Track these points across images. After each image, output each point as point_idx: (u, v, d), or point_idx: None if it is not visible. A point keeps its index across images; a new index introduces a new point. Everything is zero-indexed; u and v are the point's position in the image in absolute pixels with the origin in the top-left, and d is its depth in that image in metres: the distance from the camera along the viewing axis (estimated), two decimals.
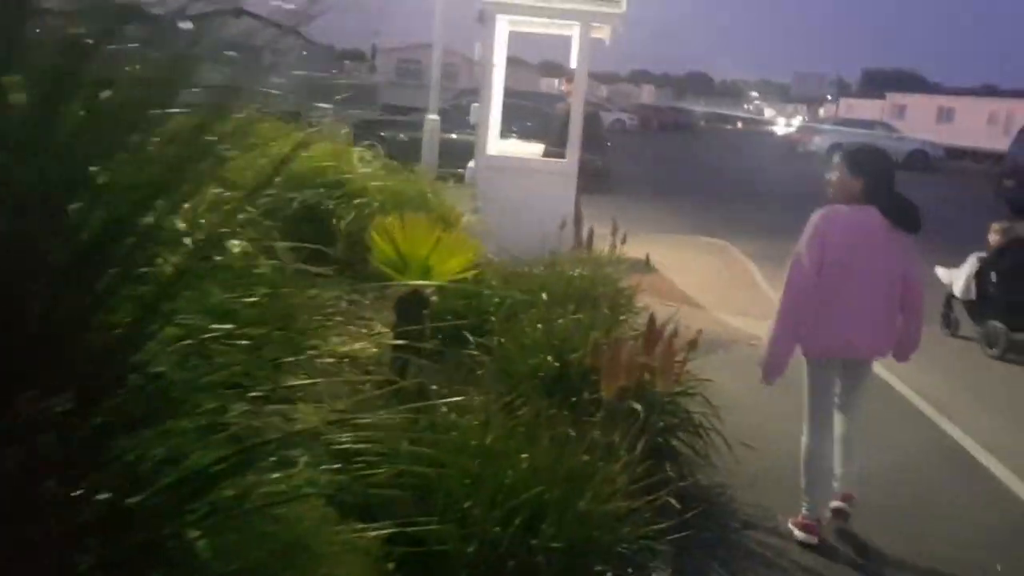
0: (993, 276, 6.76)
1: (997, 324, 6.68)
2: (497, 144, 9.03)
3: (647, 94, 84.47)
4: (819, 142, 33.02)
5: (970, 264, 6.93)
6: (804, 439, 3.56)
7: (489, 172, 7.28)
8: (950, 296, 7.17)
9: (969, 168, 33.90)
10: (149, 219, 1.90)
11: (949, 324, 7.29)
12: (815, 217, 3.46)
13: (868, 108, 46.49)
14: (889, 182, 3.48)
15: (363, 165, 6.78)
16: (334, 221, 6.28)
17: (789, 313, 3.43)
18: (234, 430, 2.19)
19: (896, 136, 33.27)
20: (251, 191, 5.76)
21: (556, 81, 75.36)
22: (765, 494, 3.79)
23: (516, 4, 7.01)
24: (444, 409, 2.77)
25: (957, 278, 6.99)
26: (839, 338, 3.45)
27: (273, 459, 2.17)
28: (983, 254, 6.96)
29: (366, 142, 15.48)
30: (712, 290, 8.05)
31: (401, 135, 14.91)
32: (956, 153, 35.61)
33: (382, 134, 15.79)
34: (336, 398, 3.46)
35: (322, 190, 6.39)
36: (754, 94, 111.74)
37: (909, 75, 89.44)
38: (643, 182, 19.27)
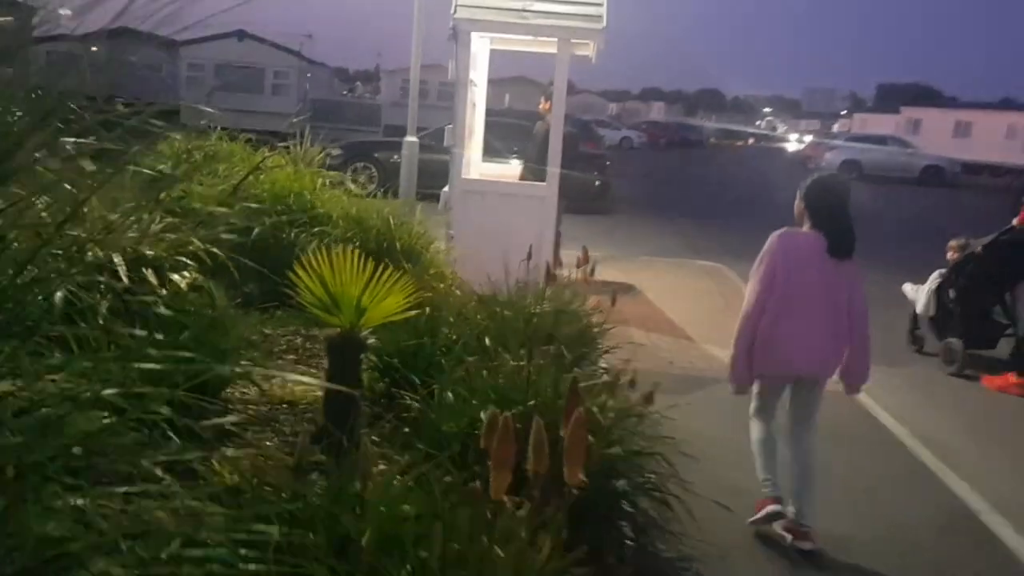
0: (951, 292, 6.77)
1: (954, 341, 6.67)
2: (479, 167, 8.66)
3: (656, 111, 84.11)
4: (831, 158, 32.48)
5: (931, 281, 6.96)
6: (753, 434, 3.73)
7: (464, 197, 6.89)
8: (915, 313, 7.17)
9: (987, 183, 33.18)
10: None
11: (915, 341, 7.27)
12: (770, 238, 3.63)
13: (883, 123, 45.85)
14: (832, 210, 3.61)
15: (330, 190, 6.40)
16: (297, 251, 5.91)
17: (745, 331, 3.62)
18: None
19: (910, 151, 32.68)
20: (200, 220, 5.32)
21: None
22: (740, 569, 3.33)
23: (489, 21, 6.64)
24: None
25: (920, 295, 7.02)
26: (783, 357, 3.58)
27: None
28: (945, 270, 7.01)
29: (360, 163, 15.25)
30: (703, 319, 7.60)
31: (396, 156, 14.59)
32: (974, 168, 34.91)
33: (376, 155, 15.49)
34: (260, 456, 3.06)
35: (284, 218, 6.03)
36: (767, 110, 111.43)
37: (925, 89, 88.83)
38: (643, 201, 18.85)
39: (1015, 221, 6.52)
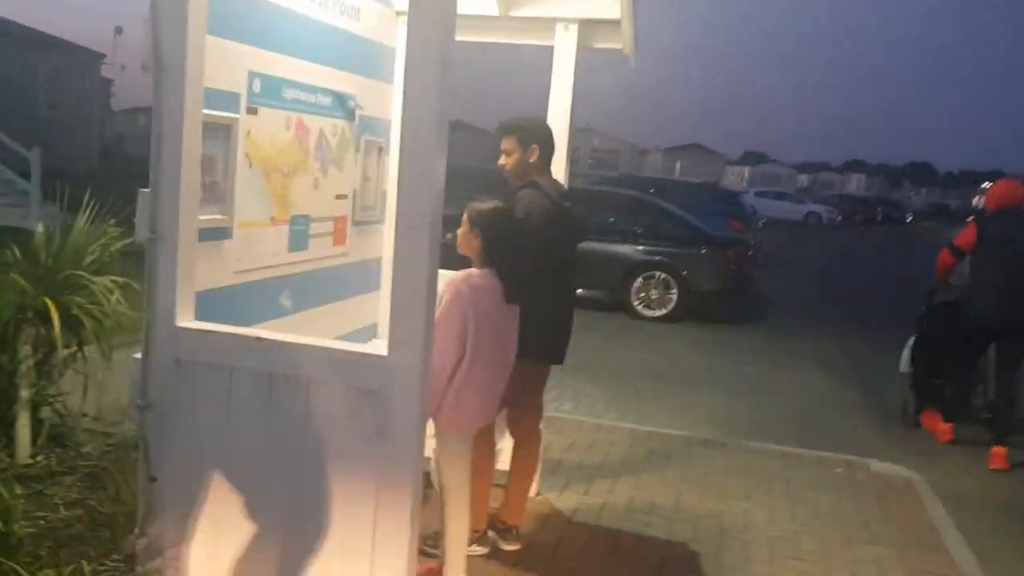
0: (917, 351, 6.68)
1: (910, 394, 6.63)
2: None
3: (856, 184, 76.55)
4: None
5: (911, 339, 6.78)
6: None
7: (177, 377, 2.69)
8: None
9: None
10: None
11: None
12: (456, 281, 2.98)
13: None
14: (513, 249, 3.10)
15: None
16: None
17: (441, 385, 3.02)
18: None
19: None
20: None
21: (747, 170, 69.34)
22: None
23: None
24: None
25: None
26: (478, 410, 3.12)
27: None
28: None
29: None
30: None
31: None
32: None
33: None
34: None
35: None
36: (985, 185, 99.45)
37: None
38: (808, 301, 13.65)
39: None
